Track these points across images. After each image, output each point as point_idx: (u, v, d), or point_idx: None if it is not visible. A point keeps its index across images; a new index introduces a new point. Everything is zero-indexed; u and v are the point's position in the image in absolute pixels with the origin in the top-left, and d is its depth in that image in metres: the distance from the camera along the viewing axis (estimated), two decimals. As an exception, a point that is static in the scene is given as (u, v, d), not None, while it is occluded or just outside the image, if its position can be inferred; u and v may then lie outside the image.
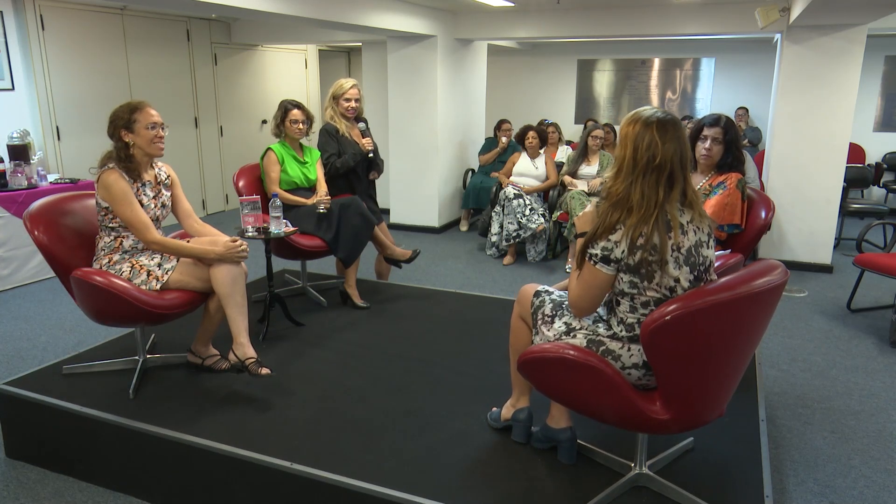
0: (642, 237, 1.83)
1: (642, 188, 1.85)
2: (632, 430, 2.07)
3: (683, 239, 1.88)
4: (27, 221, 2.72)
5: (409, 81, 6.90)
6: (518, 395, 2.43)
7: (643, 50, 9.50)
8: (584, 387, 1.99)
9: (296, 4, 4.75)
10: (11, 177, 5.11)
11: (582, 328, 2.06)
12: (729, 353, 1.90)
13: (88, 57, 6.37)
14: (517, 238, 5.85)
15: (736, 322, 1.84)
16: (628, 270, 1.88)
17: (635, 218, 1.84)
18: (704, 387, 1.94)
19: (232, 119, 8.23)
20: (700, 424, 2.06)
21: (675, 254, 1.87)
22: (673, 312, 1.78)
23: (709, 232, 1.97)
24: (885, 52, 8.32)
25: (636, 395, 1.95)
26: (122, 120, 2.71)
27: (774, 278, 1.85)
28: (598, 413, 2.06)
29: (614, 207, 1.88)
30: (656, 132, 1.86)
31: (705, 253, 1.95)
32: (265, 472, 2.25)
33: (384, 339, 3.40)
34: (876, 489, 2.65)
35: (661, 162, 1.84)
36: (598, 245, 1.89)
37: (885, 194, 8.39)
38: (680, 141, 1.88)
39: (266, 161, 3.86)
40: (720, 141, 3.01)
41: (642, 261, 1.85)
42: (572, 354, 1.95)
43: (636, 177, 1.86)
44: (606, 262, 1.89)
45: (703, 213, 1.96)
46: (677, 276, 1.88)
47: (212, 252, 2.75)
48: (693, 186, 1.96)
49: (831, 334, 4.31)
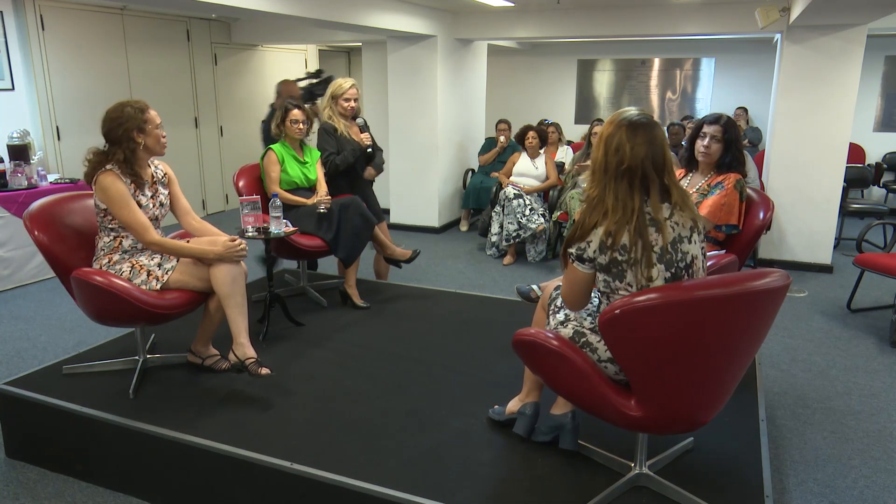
0: (610, 237, 1.86)
1: (616, 192, 1.87)
2: (611, 422, 2.05)
3: (657, 237, 1.90)
4: (27, 221, 2.72)
5: (409, 81, 6.89)
6: (528, 391, 2.45)
7: (643, 50, 9.50)
8: (562, 374, 2.05)
9: (296, 4, 4.75)
10: (11, 177, 5.11)
11: (574, 320, 2.13)
12: (704, 356, 1.84)
13: (88, 57, 6.36)
14: (517, 238, 5.85)
15: (703, 325, 1.79)
16: (601, 270, 1.94)
17: (611, 222, 1.86)
18: (679, 389, 1.90)
19: (232, 119, 8.23)
20: (683, 429, 2.07)
21: (649, 252, 1.89)
22: (622, 307, 1.80)
23: (692, 227, 1.96)
24: (885, 52, 8.32)
25: (609, 388, 1.97)
26: (134, 121, 2.68)
27: (744, 286, 1.77)
28: (577, 401, 2.11)
29: (591, 209, 1.92)
30: (626, 134, 1.88)
31: (685, 248, 1.94)
32: (265, 472, 2.25)
33: (384, 339, 3.40)
34: (876, 489, 2.65)
35: (631, 165, 1.86)
36: (574, 245, 1.94)
37: (885, 194, 8.39)
38: (652, 143, 1.88)
39: (266, 161, 3.86)
40: (719, 139, 3.00)
41: (612, 261, 1.89)
42: (551, 343, 2.03)
43: (609, 180, 1.89)
44: (581, 261, 1.95)
45: (688, 209, 1.95)
46: (652, 275, 1.89)
47: (211, 252, 2.75)
48: (678, 185, 1.96)
49: (831, 334, 4.31)
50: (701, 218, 2.00)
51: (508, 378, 2.81)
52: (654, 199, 1.89)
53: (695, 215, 1.99)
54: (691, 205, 1.98)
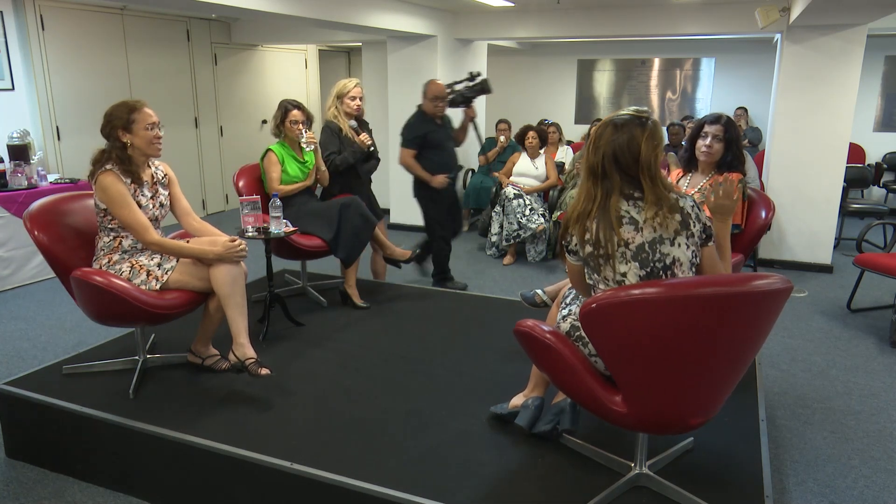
0: (588, 232, 1.97)
1: (587, 187, 2.01)
2: (601, 417, 2.05)
3: (635, 235, 1.93)
4: (27, 221, 2.71)
5: (409, 81, 6.88)
6: (533, 386, 2.47)
7: (643, 50, 9.50)
8: (555, 365, 2.08)
9: (296, 4, 4.75)
10: (11, 177, 5.11)
11: (573, 315, 2.16)
12: (689, 357, 1.81)
13: (88, 57, 6.36)
14: (517, 238, 5.85)
15: (686, 325, 1.76)
16: (583, 262, 2.06)
17: (575, 215, 2.01)
18: (664, 388, 1.88)
19: (232, 119, 8.23)
20: (672, 430, 2.07)
21: (623, 249, 1.94)
22: (599, 301, 1.82)
23: (676, 229, 1.94)
24: (885, 52, 8.32)
25: (596, 382, 1.98)
26: (120, 120, 2.68)
27: (730, 288, 1.75)
28: (571, 394, 2.15)
29: (573, 205, 2.06)
30: (598, 134, 1.99)
31: (665, 250, 1.94)
32: (265, 472, 2.25)
33: (384, 339, 3.39)
34: (876, 489, 2.65)
35: (594, 163, 1.98)
36: (564, 238, 2.09)
37: (885, 194, 8.39)
38: (617, 142, 1.93)
39: (266, 162, 3.86)
40: (720, 138, 3.01)
41: (590, 254, 1.99)
42: (544, 336, 2.07)
43: (585, 177, 2.02)
44: (570, 253, 2.09)
45: (673, 211, 1.93)
46: (624, 272, 1.95)
47: (211, 252, 2.75)
48: (662, 185, 1.94)
49: (831, 334, 4.31)
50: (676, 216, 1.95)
51: (508, 378, 2.81)
52: (615, 196, 1.95)
53: (687, 218, 1.96)
54: (677, 206, 1.95)
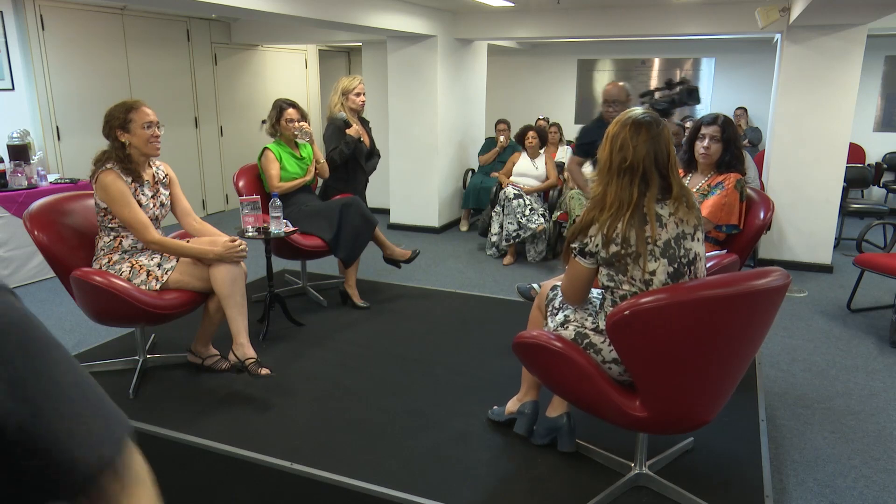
0: (616, 233, 1.90)
1: (616, 188, 1.93)
2: (613, 423, 2.06)
3: (661, 231, 1.92)
4: (27, 221, 2.72)
5: (409, 81, 6.89)
6: (526, 390, 2.45)
7: (643, 50, 9.50)
8: (566, 376, 2.05)
9: (296, 4, 4.75)
10: (11, 177, 5.11)
11: (575, 321, 2.12)
12: (709, 355, 1.86)
13: (88, 57, 6.36)
14: (517, 238, 5.85)
15: (709, 324, 1.80)
16: (605, 264, 1.97)
17: (607, 215, 1.92)
18: (684, 389, 1.91)
19: (232, 119, 8.23)
20: (686, 429, 2.07)
21: (651, 247, 1.92)
22: (632, 307, 1.81)
23: (695, 225, 1.99)
24: (885, 52, 8.32)
25: (613, 389, 1.97)
26: (117, 119, 2.69)
27: (747, 285, 1.79)
28: (581, 402, 2.11)
29: (593, 205, 1.99)
30: (629, 133, 1.94)
31: (688, 245, 1.97)
32: (265, 472, 2.25)
33: (384, 339, 3.40)
34: (876, 489, 2.65)
35: (633, 163, 1.92)
36: (577, 239, 2.00)
37: (885, 194, 8.39)
38: (655, 141, 1.93)
39: (264, 160, 3.86)
40: (718, 139, 3.01)
41: (616, 254, 1.92)
42: (554, 345, 2.02)
43: (611, 177, 1.96)
44: (583, 255, 1.99)
45: (691, 207, 1.99)
46: (654, 269, 1.92)
47: (211, 252, 2.75)
48: (681, 182, 1.99)
49: (831, 334, 4.31)
50: (696, 211, 2.03)
51: (508, 378, 2.81)
52: (652, 195, 1.92)
53: (698, 214, 2.02)
54: (694, 202, 2.00)
